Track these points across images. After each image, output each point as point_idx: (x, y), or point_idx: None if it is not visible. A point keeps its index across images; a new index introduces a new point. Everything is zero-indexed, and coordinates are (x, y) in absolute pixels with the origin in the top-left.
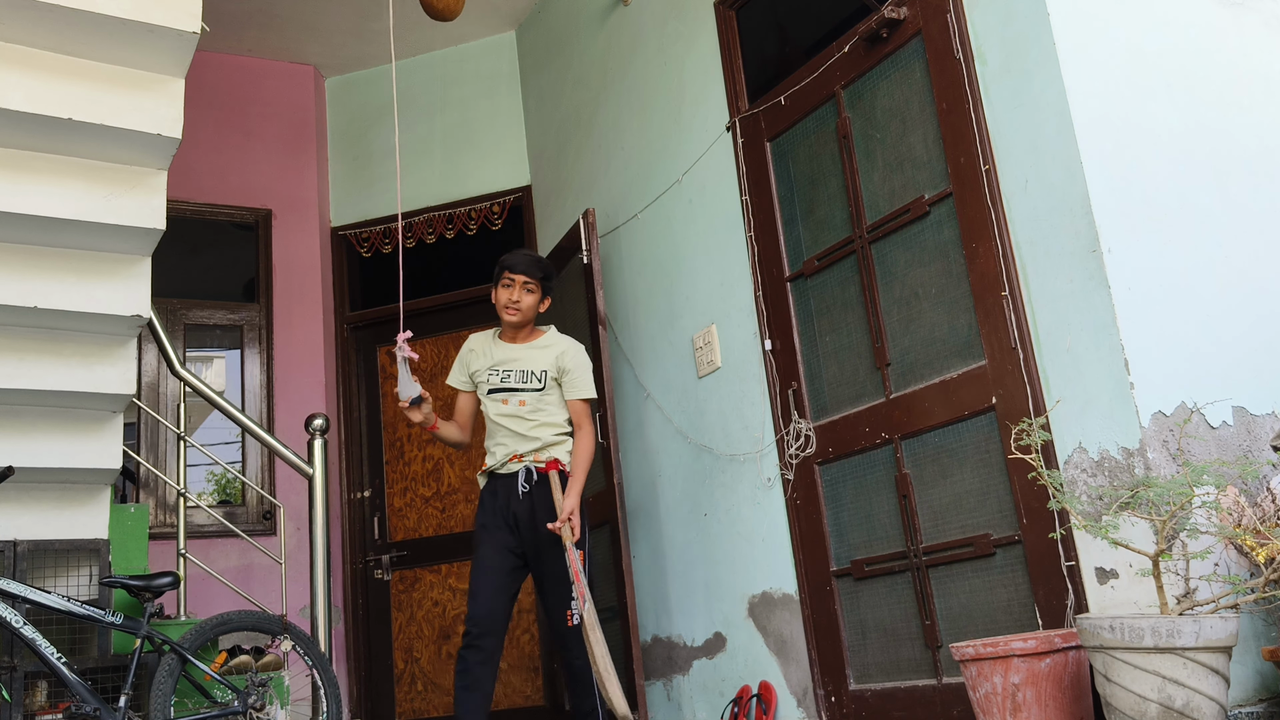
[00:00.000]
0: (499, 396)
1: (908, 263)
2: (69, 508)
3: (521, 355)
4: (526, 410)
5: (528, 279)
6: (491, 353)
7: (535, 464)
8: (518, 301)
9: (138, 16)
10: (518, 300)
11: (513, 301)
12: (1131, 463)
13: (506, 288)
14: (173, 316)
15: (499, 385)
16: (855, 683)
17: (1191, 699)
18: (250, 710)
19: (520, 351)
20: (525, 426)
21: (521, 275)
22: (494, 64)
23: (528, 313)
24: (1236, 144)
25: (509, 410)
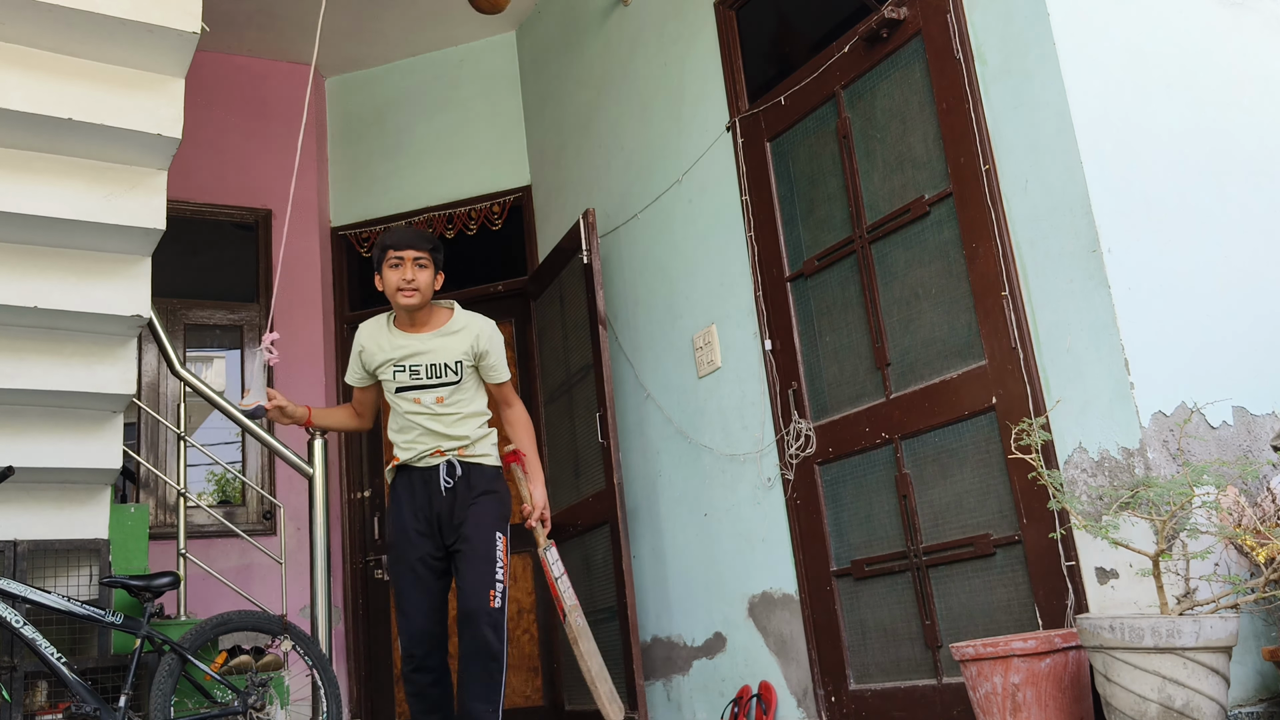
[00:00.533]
0: (409, 396)
1: (908, 263)
2: (69, 508)
3: (429, 346)
4: (444, 407)
5: (418, 253)
6: (390, 345)
7: (459, 458)
8: (412, 280)
9: (138, 16)
10: (411, 279)
11: (406, 282)
12: (1131, 463)
13: (395, 268)
14: (173, 316)
15: (408, 383)
16: (855, 683)
17: (1191, 699)
18: (250, 710)
19: (427, 342)
20: (445, 424)
21: (410, 250)
22: (494, 64)
23: (425, 292)
24: (1236, 144)
25: (423, 409)
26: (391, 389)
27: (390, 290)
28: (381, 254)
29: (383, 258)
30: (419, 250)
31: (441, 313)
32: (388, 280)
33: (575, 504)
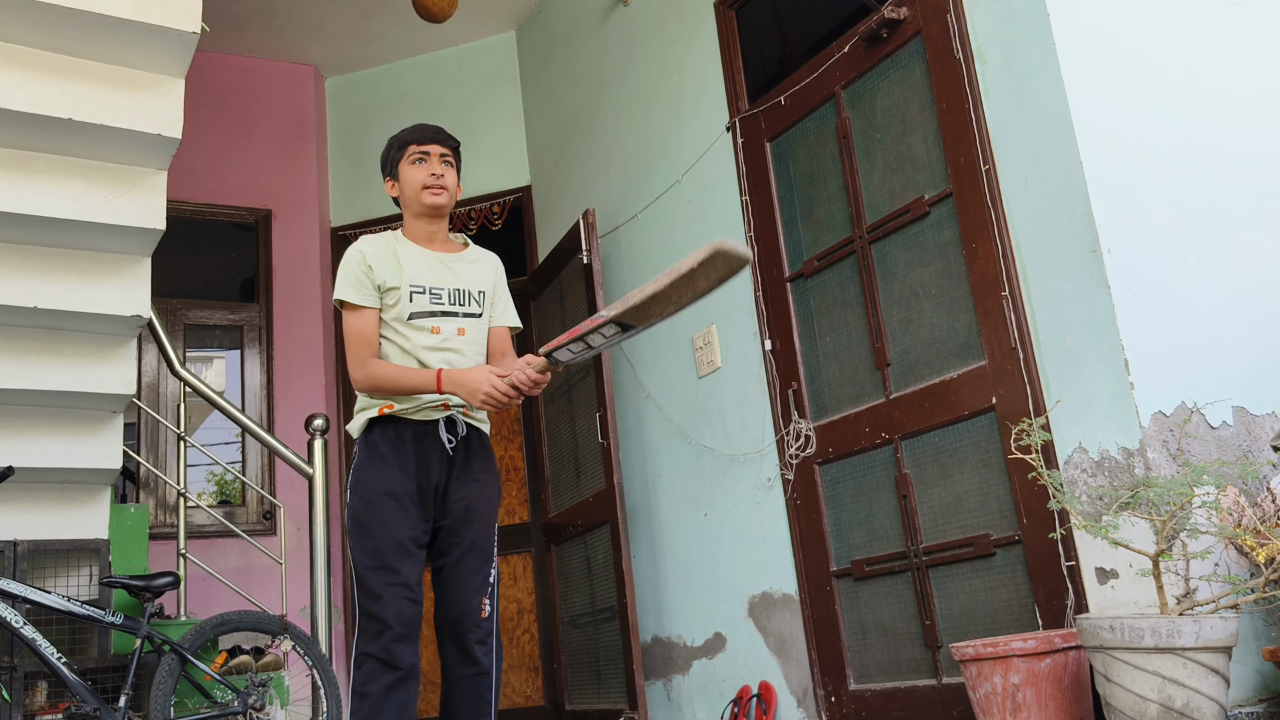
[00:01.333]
0: (427, 324)
1: (908, 263)
2: (69, 508)
3: (455, 269)
4: (464, 342)
5: (444, 149)
6: (406, 262)
7: (465, 418)
8: (441, 176)
9: (138, 16)
10: (440, 175)
11: (435, 177)
12: (1131, 463)
13: (419, 163)
14: (173, 316)
15: (427, 309)
16: (855, 683)
17: (1191, 699)
18: (250, 710)
19: (452, 263)
20: (462, 363)
21: (435, 145)
22: (494, 64)
23: (453, 193)
24: (1237, 144)
25: (440, 342)
26: (402, 314)
27: (413, 188)
28: (399, 150)
29: (400, 155)
30: (444, 146)
31: (453, 238)
32: (409, 178)
33: (575, 504)
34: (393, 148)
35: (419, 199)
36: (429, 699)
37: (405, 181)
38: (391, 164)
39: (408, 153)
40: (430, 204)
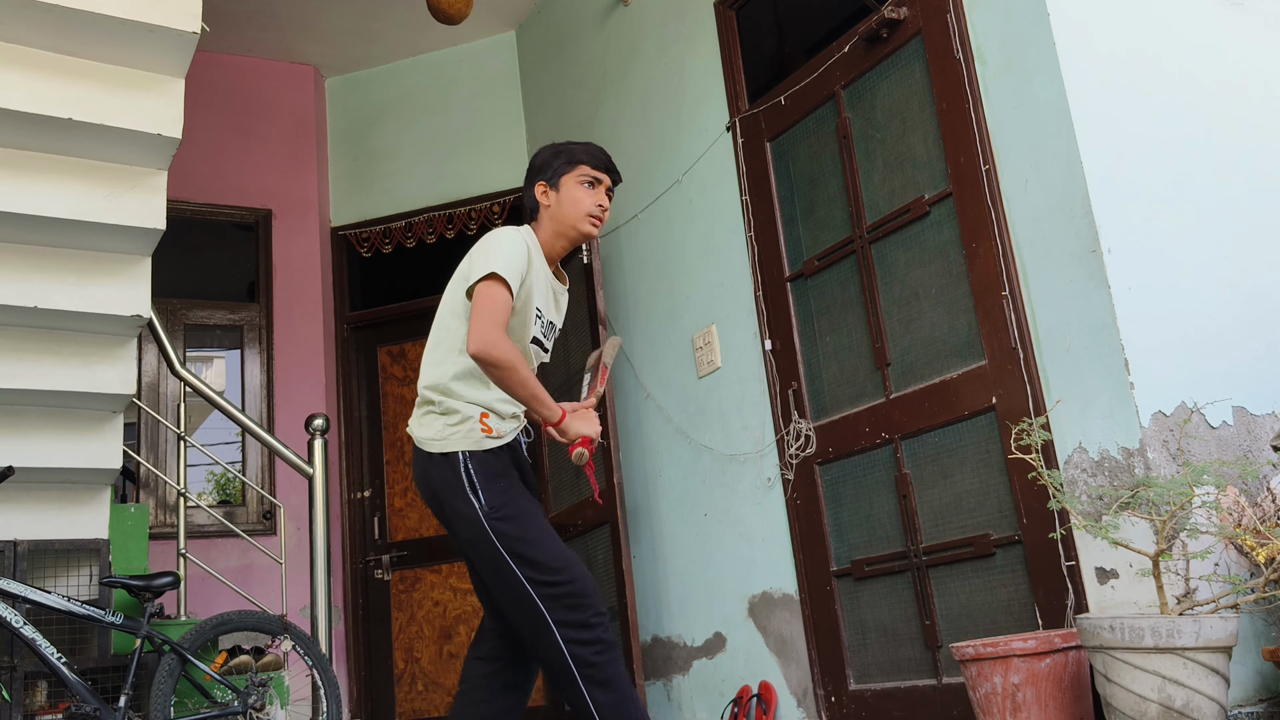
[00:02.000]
0: (533, 350)
1: (908, 263)
2: (69, 508)
3: (558, 301)
4: None
5: (612, 183)
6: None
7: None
8: (605, 210)
9: (138, 16)
10: (606, 208)
11: (601, 209)
12: (1131, 463)
13: (590, 187)
14: (173, 316)
15: (537, 335)
16: (855, 683)
17: (1191, 699)
18: (250, 710)
19: (558, 295)
20: None
21: (607, 176)
22: (494, 64)
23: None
24: (1237, 144)
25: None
26: (525, 331)
27: (576, 211)
28: (568, 165)
29: (569, 169)
30: (614, 180)
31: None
32: (574, 197)
33: (575, 504)
34: (560, 157)
35: (578, 224)
36: (431, 699)
37: (568, 199)
38: (555, 173)
39: (579, 171)
40: (586, 233)
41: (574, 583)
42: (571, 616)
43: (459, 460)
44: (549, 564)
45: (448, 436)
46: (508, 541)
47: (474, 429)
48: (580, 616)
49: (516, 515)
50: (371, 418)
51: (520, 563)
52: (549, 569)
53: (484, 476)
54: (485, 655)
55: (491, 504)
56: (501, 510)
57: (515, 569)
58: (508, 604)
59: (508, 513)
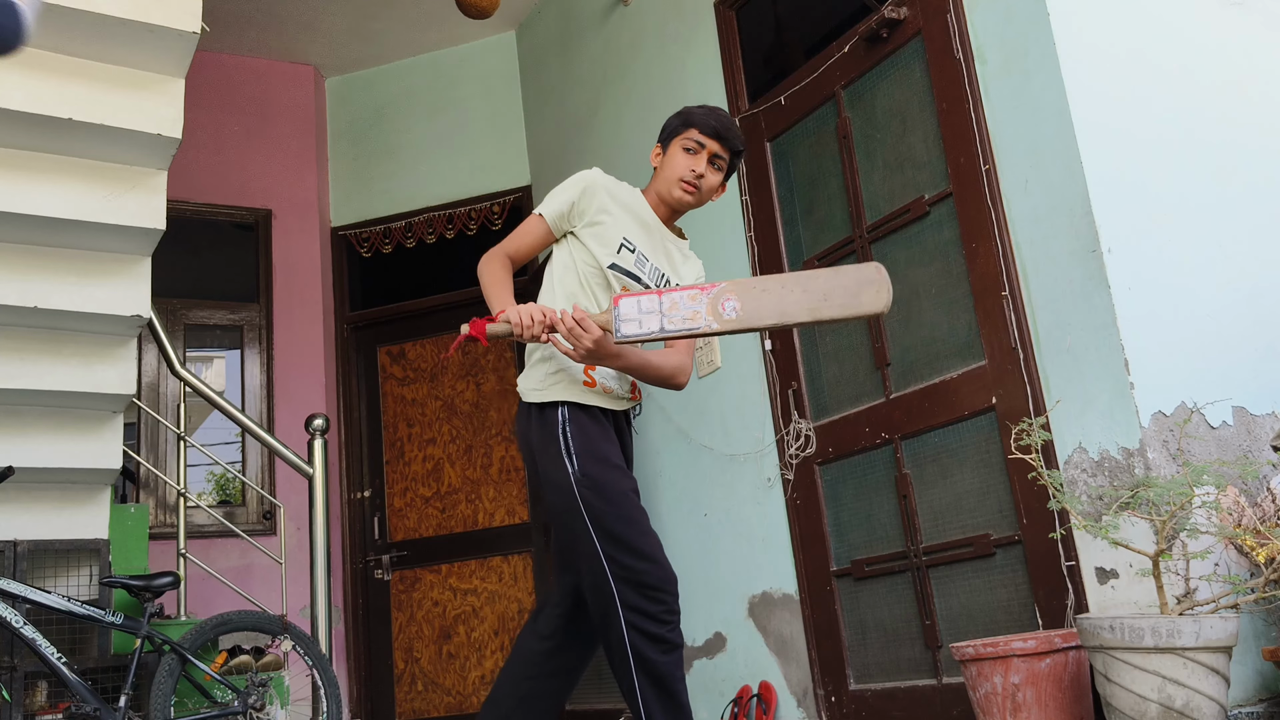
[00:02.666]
0: (619, 282)
1: (908, 263)
2: (69, 508)
3: (670, 252)
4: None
5: (720, 150)
6: (643, 222)
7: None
8: (701, 177)
9: (138, 16)
10: (701, 175)
11: (695, 175)
12: (1131, 463)
13: (690, 154)
14: (173, 316)
15: (629, 269)
16: (855, 683)
17: (1191, 699)
18: (250, 710)
19: (669, 245)
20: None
21: (715, 142)
22: (494, 64)
23: (704, 198)
24: (1236, 144)
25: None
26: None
27: (672, 174)
28: (681, 127)
29: (680, 131)
30: (724, 147)
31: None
32: (674, 161)
33: None
34: (677, 119)
35: (669, 186)
36: (430, 699)
37: (669, 163)
38: (669, 134)
39: (686, 133)
40: (678, 199)
41: (654, 573)
42: (643, 605)
43: (557, 417)
44: (633, 546)
45: (548, 386)
46: (594, 514)
47: (577, 378)
48: (652, 609)
49: (609, 488)
50: (371, 418)
51: (603, 538)
52: (632, 551)
53: (580, 440)
54: (543, 632)
55: (585, 470)
56: (594, 480)
57: (597, 543)
58: (585, 579)
59: (601, 484)
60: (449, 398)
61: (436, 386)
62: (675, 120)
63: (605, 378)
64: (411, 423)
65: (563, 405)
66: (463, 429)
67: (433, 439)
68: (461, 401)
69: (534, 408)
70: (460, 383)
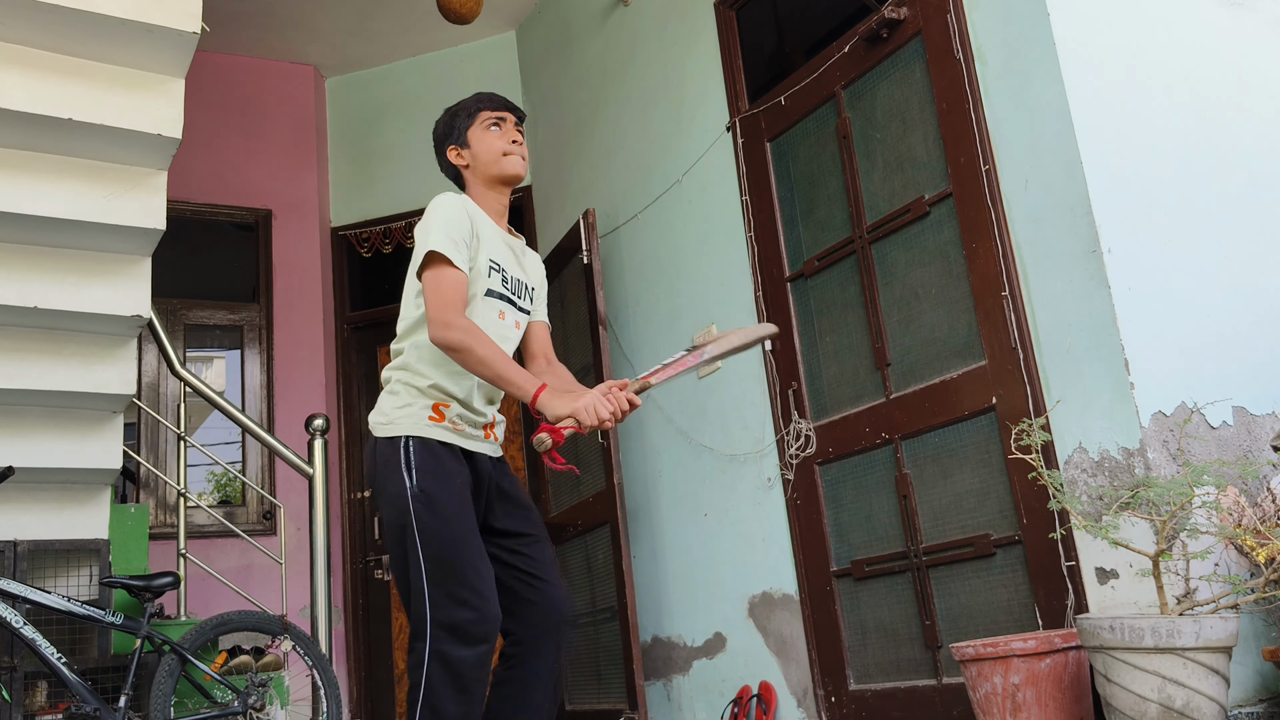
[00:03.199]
0: (496, 306)
1: (908, 263)
2: (69, 508)
3: (519, 257)
4: (518, 335)
5: (517, 119)
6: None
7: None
8: (520, 144)
9: (138, 16)
10: (520, 142)
11: (516, 144)
12: (1131, 463)
13: (494, 129)
14: (173, 316)
15: (500, 290)
16: (855, 683)
17: (1191, 699)
18: (250, 710)
19: (516, 251)
20: None
21: (510, 114)
22: (494, 64)
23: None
24: (1237, 144)
25: (503, 330)
26: (478, 289)
27: (492, 153)
28: (468, 118)
29: (470, 122)
30: (518, 116)
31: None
32: (486, 144)
33: (575, 504)
34: (459, 115)
35: (498, 164)
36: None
37: (481, 148)
38: (458, 131)
39: (480, 118)
40: (512, 172)
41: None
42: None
43: (400, 442)
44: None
45: (394, 420)
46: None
47: (425, 412)
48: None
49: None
50: None
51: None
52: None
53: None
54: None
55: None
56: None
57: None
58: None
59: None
60: None
61: None
62: (454, 118)
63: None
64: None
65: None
66: None
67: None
68: None
69: (379, 441)
70: None
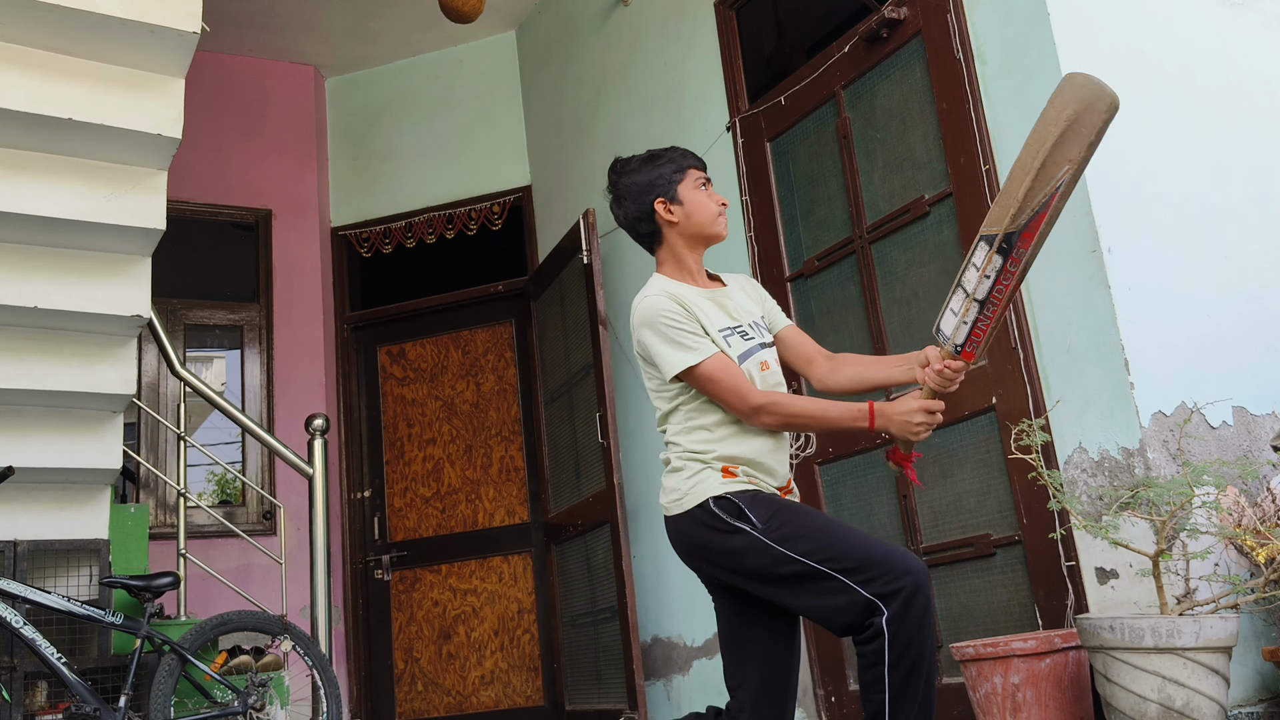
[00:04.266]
0: (757, 359)
1: (908, 263)
2: (69, 508)
3: (728, 305)
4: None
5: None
6: (699, 308)
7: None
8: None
9: (138, 16)
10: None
11: (723, 206)
12: (1131, 463)
13: (704, 187)
14: (173, 316)
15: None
16: (855, 683)
17: (1191, 699)
18: (250, 710)
19: (723, 300)
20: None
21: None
22: (494, 64)
23: None
24: (1237, 144)
25: (774, 377)
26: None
27: (707, 215)
28: (678, 172)
29: (680, 177)
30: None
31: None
32: (701, 204)
33: (575, 504)
34: (664, 166)
35: (714, 225)
36: (430, 699)
37: (695, 207)
38: (668, 184)
39: (691, 176)
40: (723, 234)
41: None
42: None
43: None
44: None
45: (689, 491)
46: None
47: (717, 475)
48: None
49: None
50: (371, 418)
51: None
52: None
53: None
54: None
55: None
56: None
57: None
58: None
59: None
60: (449, 398)
61: (436, 387)
62: (658, 167)
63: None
64: (411, 423)
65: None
66: (462, 429)
67: (433, 439)
68: (461, 402)
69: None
70: (460, 383)
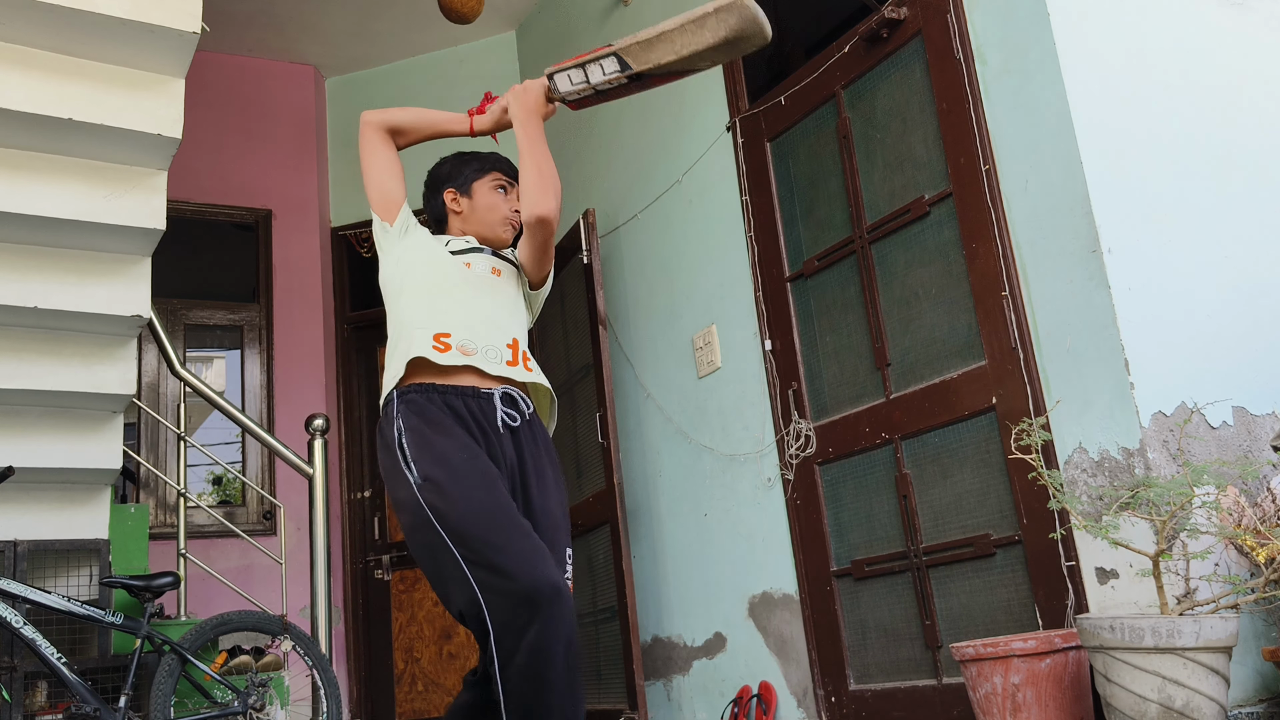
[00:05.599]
0: (461, 259)
1: (908, 263)
2: (69, 508)
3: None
4: (501, 282)
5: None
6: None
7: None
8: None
9: (138, 16)
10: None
11: (516, 213)
12: (1131, 463)
13: (502, 192)
14: (173, 316)
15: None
16: (855, 683)
17: (1191, 699)
18: (250, 710)
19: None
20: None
21: (514, 183)
22: (494, 64)
23: None
24: (1237, 144)
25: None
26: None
27: (495, 214)
28: (478, 171)
29: (479, 176)
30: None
31: None
32: (490, 203)
33: (575, 504)
34: (469, 163)
35: (496, 227)
36: (430, 699)
37: (484, 205)
38: (465, 179)
39: (491, 177)
40: (506, 239)
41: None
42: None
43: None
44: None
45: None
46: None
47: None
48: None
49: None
50: (371, 418)
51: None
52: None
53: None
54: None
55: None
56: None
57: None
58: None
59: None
60: None
61: None
62: (462, 164)
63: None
64: None
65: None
66: None
67: None
68: None
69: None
70: None
